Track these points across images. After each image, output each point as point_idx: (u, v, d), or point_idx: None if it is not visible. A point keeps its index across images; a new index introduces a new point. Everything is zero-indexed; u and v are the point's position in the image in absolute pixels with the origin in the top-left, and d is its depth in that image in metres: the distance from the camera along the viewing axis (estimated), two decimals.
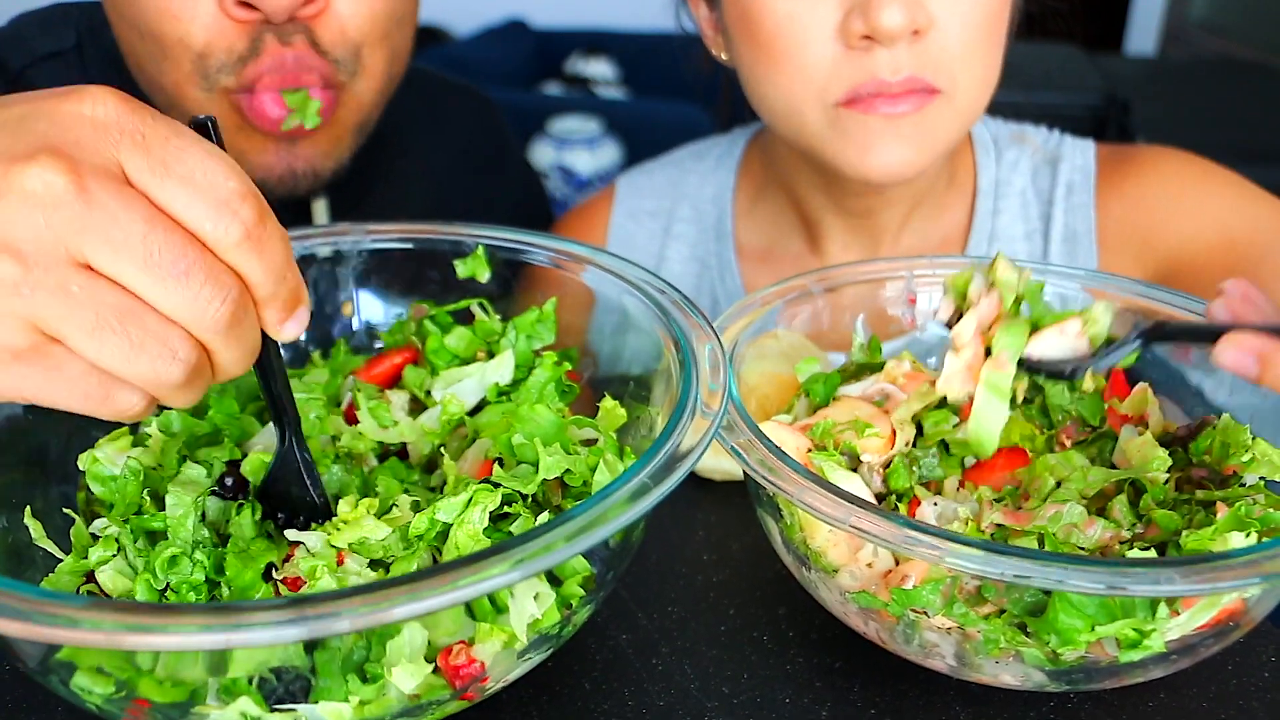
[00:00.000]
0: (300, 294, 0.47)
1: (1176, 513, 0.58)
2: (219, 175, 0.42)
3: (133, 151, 0.41)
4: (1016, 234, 1.00)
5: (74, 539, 0.57)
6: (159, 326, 0.42)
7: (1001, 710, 0.58)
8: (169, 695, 0.47)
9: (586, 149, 2.93)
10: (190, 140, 0.42)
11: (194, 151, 0.42)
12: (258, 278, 0.44)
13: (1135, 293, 0.72)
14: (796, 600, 0.66)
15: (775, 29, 0.81)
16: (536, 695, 0.59)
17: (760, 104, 0.89)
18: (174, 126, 0.42)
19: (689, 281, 1.10)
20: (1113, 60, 3.32)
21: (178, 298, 0.42)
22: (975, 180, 1.01)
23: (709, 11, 0.94)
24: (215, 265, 0.42)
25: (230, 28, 0.79)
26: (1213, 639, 0.53)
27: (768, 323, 0.70)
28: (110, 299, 0.41)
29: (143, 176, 0.41)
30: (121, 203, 0.40)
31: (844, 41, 0.79)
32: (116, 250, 0.40)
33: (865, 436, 0.64)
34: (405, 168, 1.13)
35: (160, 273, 0.41)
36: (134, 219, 0.40)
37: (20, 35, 0.95)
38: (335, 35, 0.83)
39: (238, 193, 0.42)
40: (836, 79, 0.81)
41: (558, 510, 0.58)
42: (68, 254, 0.40)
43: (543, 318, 0.69)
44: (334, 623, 0.39)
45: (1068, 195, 0.99)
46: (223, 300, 0.43)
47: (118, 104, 0.41)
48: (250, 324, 0.45)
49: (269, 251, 0.44)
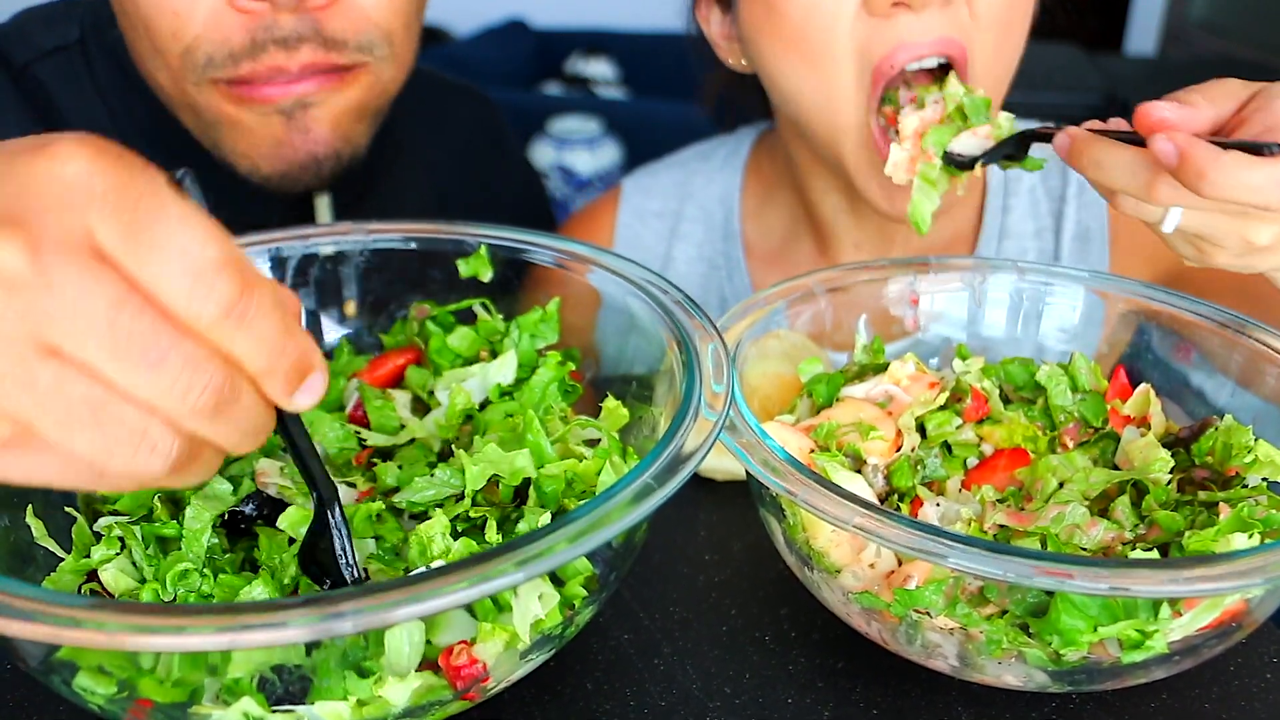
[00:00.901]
0: (309, 361, 0.42)
1: (1179, 514, 0.58)
2: (194, 243, 0.37)
3: (102, 217, 0.37)
4: (1027, 231, 1.00)
5: (75, 537, 0.57)
6: (135, 418, 0.38)
7: (1004, 711, 0.58)
8: (170, 695, 0.47)
9: (586, 149, 2.92)
10: (166, 201, 0.38)
11: (170, 214, 0.37)
12: (249, 354, 0.40)
13: (1139, 294, 0.72)
14: (799, 601, 0.66)
15: (801, 16, 0.79)
16: (538, 695, 0.59)
17: (792, 102, 0.86)
18: (150, 185, 0.38)
19: (696, 282, 1.10)
20: (1113, 60, 3.32)
21: (152, 388, 0.38)
22: (985, 178, 1.01)
23: (722, 17, 0.92)
24: (194, 351, 0.38)
25: (230, 22, 0.78)
26: (1215, 640, 0.53)
27: (770, 323, 0.70)
28: (80, 390, 0.37)
29: (114, 246, 0.37)
30: (85, 284, 0.36)
31: (872, 11, 0.77)
32: (82, 338, 0.37)
33: (869, 439, 0.64)
34: (406, 167, 1.12)
35: (131, 361, 0.37)
36: (99, 302, 0.36)
37: (24, 30, 0.95)
38: (356, 24, 0.82)
39: (214, 263, 0.38)
40: (869, 55, 0.79)
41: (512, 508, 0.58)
42: (33, 341, 0.37)
43: (546, 317, 0.69)
44: (338, 623, 0.39)
45: (1080, 193, 0.99)
46: (203, 388, 0.38)
47: (89, 161, 0.37)
48: (247, 404, 0.41)
49: (257, 325, 0.39)
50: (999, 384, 0.70)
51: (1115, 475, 0.61)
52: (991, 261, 0.77)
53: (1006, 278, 0.75)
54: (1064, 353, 0.73)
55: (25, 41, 0.94)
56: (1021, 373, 0.71)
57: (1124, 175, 0.59)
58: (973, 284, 0.76)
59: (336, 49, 0.82)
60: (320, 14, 0.80)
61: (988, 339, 0.76)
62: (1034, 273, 0.75)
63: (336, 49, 0.82)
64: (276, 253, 0.72)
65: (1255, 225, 0.58)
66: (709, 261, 1.10)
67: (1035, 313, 0.75)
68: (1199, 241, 0.62)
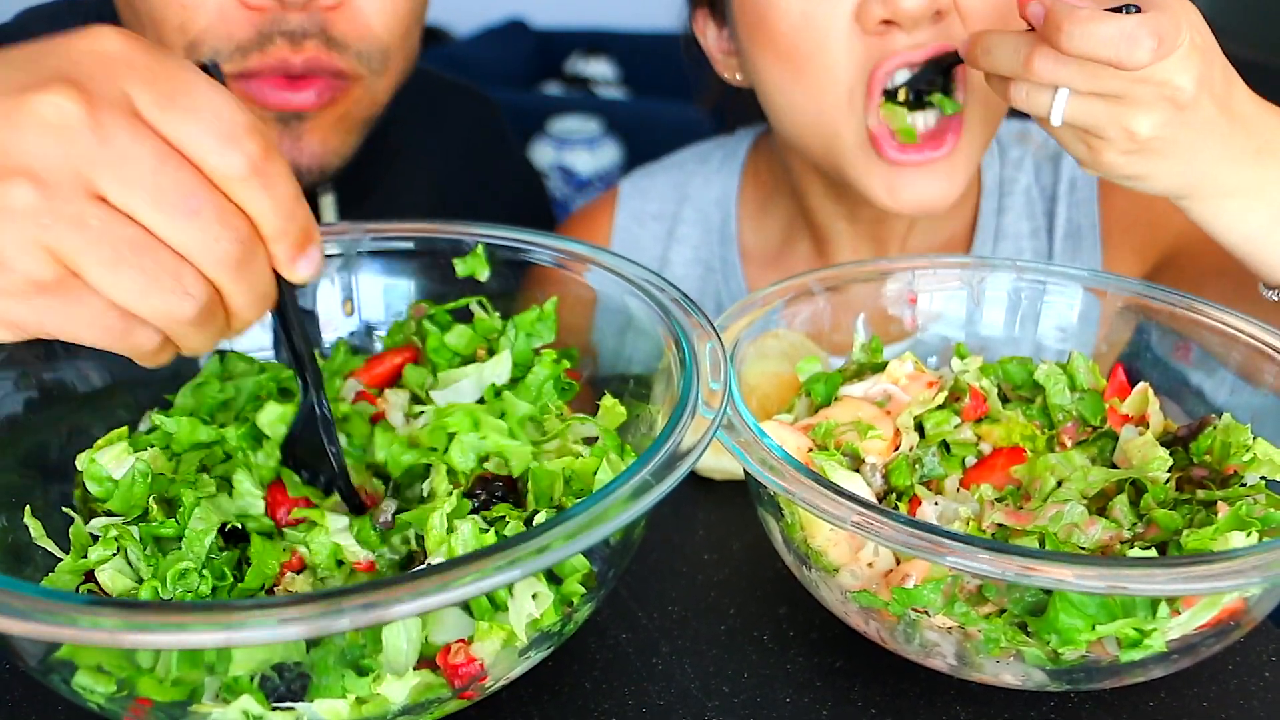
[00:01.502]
0: (311, 233, 0.47)
1: (1177, 512, 0.58)
2: (225, 109, 0.43)
3: (141, 85, 0.42)
4: (1023, 232, 1.00)
5: (73, 537, 0.57)
6: (172, 263, 0.43)
7: (1002, 710, 0.58)
8: (169, 694, 0.47)
9: (586, 149, 2.92)
10: (196, 75, 0.43)
11: (200, 86, 0.43)
12: (265, 213, 0.44)
13: (1136, 293, 0.72)
14: (797, 599, 0.66)
15: (793, 31, 0.80)
16: (536, 694, 0.59)
17: (784, 116, 0.86)
18: (180, 62, 0.43)
19: (693, 284, 1.10)
20: None
21: (188, 235, 0.42)
22: (980, 179, 1.01)
23: (718, 31, 0.93)
24: (224, 204, 0.43)
25: (236, 16, 0.79)
26: (1213, 638, 0.53)
27: (769, 322, 0.70)
28: (126, 233, 0.42)
29: (151, 110, 0.42)
30: (133, 138, 0.41)
31: (863, 27, 0.78)
32: (129, 186, 0.41)
33: (867, 438, 0.64)
34: (407, 167, 1.13)
35: (171, 210, 0.42)
36: (145, 155, 0.41)
37: (28, 29, 0.95)
38: (360, 30, 0.82)
39: (244, 126, 0.43)
40: (859, 71, 0.79)
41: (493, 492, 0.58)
42: (84, 185, 0.41)
43: (543, 316, 0.69)
44: (335, 621, 0.39)
45: (1071, 191, 0.99)
46: (231, 238, 0.43)
47: (124, 40, 0.43)
48: (260, 266, 0.46)
49: (276, 185, 0.44)
50: (997, 383, 0.70)
51: (1113, 474, 0.61)
52: (990, 260, 0.77)
53: (1005, 276, 0.75)
54: (1062, 351, 0.73)
55: (28, 40, 0.94)
56: (1020, 372, 0.71)
57: (1008, 55, 0.64)
58: (971, 283, 0.76)
59: (339, 50, 0.82)
60: (328, 14, 0.80)
61: (986, 338, 0.76)
62: (1032, 271, 0.75)
63: (339, 50, 0.82)
64: None
65: (1133, 112, 0.63)
66: (705, 264, 1.10)
67: (1033, 311, 0.75)
68: (1087, 138, 0.65)
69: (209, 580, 0.53)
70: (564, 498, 0.57)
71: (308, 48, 0.80)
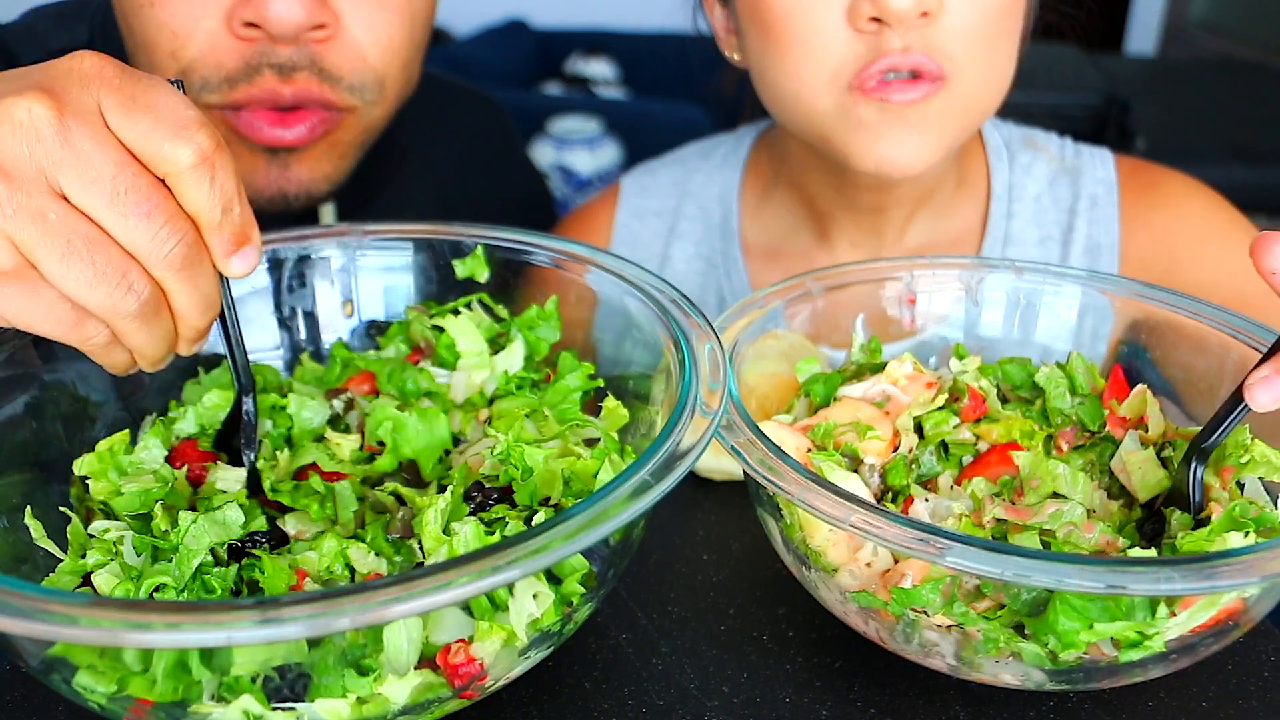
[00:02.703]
0: (249, 232, 0.51)
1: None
2: (180, 106, 0.47)
3: (107, 92, 0.46)
4: (1030, 238, 1.00)
5: (70, 537, 0.57)
6: (120, 259, 0.47)
7: (1001, 710, 0.58)
8: (165, 694, 0.47)
9: (586, 149, 2.93)
10: (158, 82, 0.48)
11: (160, 89, 0.48)
12: (208, 205, 0.48)
13: (1136, 293, 0.72)
14: (796, 600, 0.66)
15: (785, 15, 0.81)
16: (536, 694, 0.60)
17: (771, 93, 0.88)
18: (148, 75, 0.48)
19: (694, 280, 1.10)
20: (1113, 60, 3.32)
21: (138, 234, 0.47)
22: (989, 184, 1.02)
23: (723, 11, 0.94)
24: (175, 209, 0.48)
25: (226, 46, 0.78)
26: (1212, 639, 0.53)
27: (768, 323, 0.70)
28: (80, 229, 0.46)
29: (114, 114, 0.46)
30: (96, 143, 0.45)
31: (853, 24, 0.79)
32: (88, 185, 0.45)
33: (866, 439, 0.64)
34: (412, 172, 1.12)
35: (125, 210, 0.46)
36: (106, 160, 0.46)
37: (34, 30, 0.95)
38: (354, 62, 0.81)
39: (195, 120, 0.47)
40: (846, 61, 0.80)
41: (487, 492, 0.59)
42: (47, 183, 0.45)
43: (544, 315, 0.69)
44: (334, 620, 0.39)
45: (1091, 208, 1.00)
46: (179, 240, 0.47)
47: (100, 59, 0.47)
48: (205, 270, 0.50)
49: (220, 180, 0.48)
50: (996, 384, 0.70)
51: (1111, 504, 0.62)
52: (989, 261, 0.77)
53: (1004, 277, 0.75)
54: (1062, 352, 0.73)
55: (34, 40, 0.94)
56: (1019, 373, 0.71)
57: None
58: (970, 284, 0.76)
59: (331, 83, 0.81)
60: (318, 46, 0.79)
61: (985, 339, 0.76)
62: (1031, 272, 0.75)
63: (331, 83, 0.81)
64: (274, 254, 0.72)
65: None
66: (707, 260, 1.10)
67: (1033, 312, 0.75)
68: None
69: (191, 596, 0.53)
70: (563, 498, 0.57)
71: (298, 80, 0.79)
